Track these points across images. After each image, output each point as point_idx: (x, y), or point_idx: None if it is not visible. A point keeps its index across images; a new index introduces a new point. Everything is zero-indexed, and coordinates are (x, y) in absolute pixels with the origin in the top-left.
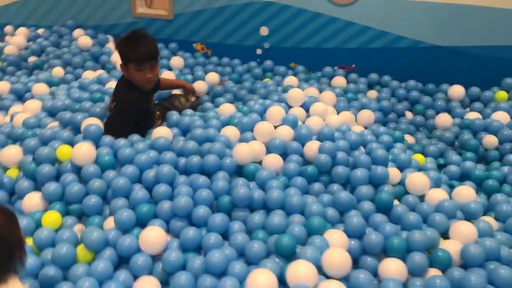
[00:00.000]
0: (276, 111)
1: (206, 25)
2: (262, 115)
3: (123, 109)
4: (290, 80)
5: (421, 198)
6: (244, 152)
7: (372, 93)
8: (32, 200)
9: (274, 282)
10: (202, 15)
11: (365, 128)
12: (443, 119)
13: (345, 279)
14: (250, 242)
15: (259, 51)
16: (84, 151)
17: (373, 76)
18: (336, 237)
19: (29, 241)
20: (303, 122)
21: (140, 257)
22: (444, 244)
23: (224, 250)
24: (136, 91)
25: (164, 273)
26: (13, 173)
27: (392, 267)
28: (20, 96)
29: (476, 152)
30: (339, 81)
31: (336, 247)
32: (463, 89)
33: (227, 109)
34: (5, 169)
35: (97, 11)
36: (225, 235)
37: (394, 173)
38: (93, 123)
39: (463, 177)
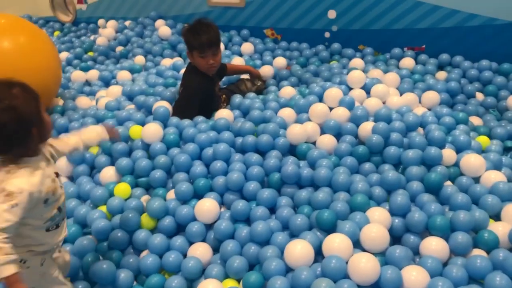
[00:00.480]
0: (333, 93)
1: (275, 11)
2: (320, 97)
3: (189, 92)
4: (356, 62)
5: (477, 180)
6: (297, 132)
7: (441, 74)
8: (107, 173)
9: (310, 251)
10: (271, 1)
11: (429, 110)
12: None
13: (383, 254)
14: (294, 216)
15: (327, 34)
16: (152, 130)
17: (444, 56)
18: (378, 214)
19: (103, 209)
20: (361, 104)
21: (195, 225)
22: (494, 226)
23: (269, 222)
24: (201, 76)
25: (216, 241)
26: (94, 150)
27: (433, 245)
28: (107, 82)
29: None
30: (408, 62)
31: (375, 223)
32: None
33: (288, 92)
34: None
35: (176, 2)
36: (274, 209)
37: (449, 154)
38: (162, 105)
39: None
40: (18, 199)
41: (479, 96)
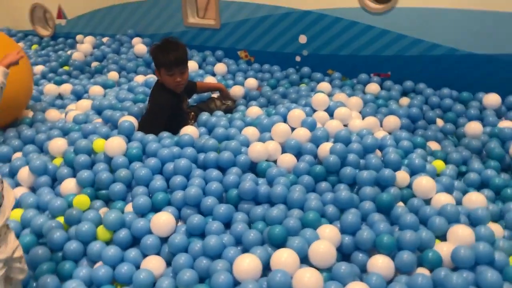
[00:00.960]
0: (296, 113)
1: (249, 34)
2: (285, 117)
3: (155, 109)
4: (323, 85)
5: (429, 201)
6: (258, 150)
7: (404, 100)
8: (69, 185)
9: (258, 265)
10: (246, 24)
11: (389, 133)
12: (473, 127)
13: (330, 270)
14: (247, 231)
15: (298, 58)
16: (115, 144)
17: (408, 83)
18: (328, 231)
19: (60, 219)
20: (323, 125)
21: (150, 238)
22: (439, 246)
23: (222, 237)
24: (168, 93)
25: (170, 254)
26: (57, 161)
27: (379, 263)
28: (80, 97)
29: (502, 161)
30: (373, 87)
31: (323, 240)
32: (499, 97)
33: (254, 111)
34: (52, 158)
35: (154, 21)
36: (230, 224)
37: (403, 176)
38: (127, 120)
39: (483, 185)
40: None
41: (440, 122)
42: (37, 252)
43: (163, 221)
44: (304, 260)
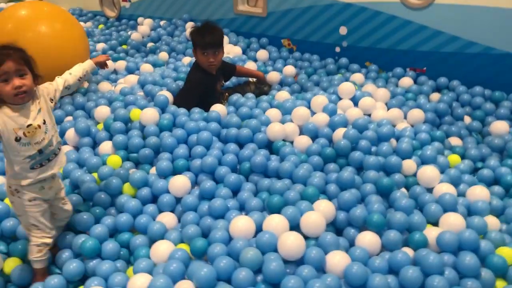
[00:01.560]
0: (319, 100)
1: (293, 23)
2: (309, 103)
3: (189, 86)
4: (356, 76)
5: (431, 190)
6: (275, 130)
7: (435, 96)
8: (106, 146)
9: (251, 226)
10: (290, 13)
11: (412, 126)
12: (499, 126)
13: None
14: (250, 198)
15: (337, 49)
16: (149, 114)
17: (442, 79)
18: (324, 206)
19: (94, 175)
20: (344, 112)
21: (166, 196)
22: (428, 230)
23: (228, 201)
24: (202, 73)
25: (182, 212)
26: (100, 126)
27: (367, 239)
28: (131, 73)
29: None
30: (407, 81)
31: (314, 212)
32: None
33: (283, 96)
34: (97, 123)
35: (207, 8)
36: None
37: (409, 164)
38: (163, 94)
39: (496, 182)
40: None
41: (467, 119)
42: (71, 199)
43: (179, 183)
44: (297, 228)
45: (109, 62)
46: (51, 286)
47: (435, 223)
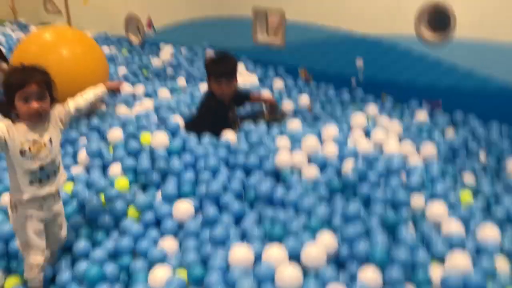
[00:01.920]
0: (329, 130)
1: (310, 54)
2: (320, 133)
3: (201, 113)
4: (371, 108)
5: (439, 226)
6: (283, 159)
7: (450, 130)
8: (115, 169)
9: (249, 255)
10: (307, 44)
11: (424, 159)
12: None
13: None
14: (252, 226)
15: (353, 81)
16: (159, 138)
17: (458, 114)
18: (326, 237)
19: (102, 196)
20: (355, 144)
21: (169, 221)
22: (434, 268)
23: (229, 229)
24: (215, 101)
25: (184, 237)
26: (111, 148)
27: (369, 274)
28: (149, 97)
29: None
30: (421, 115)
31: (315, 243)
32: None
33: (294, 125)
34: (109, 144)
35: (227, 36)
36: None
37: (418, 199)
38: (175, 119)
39: (509, 220)
40: None
41: (482, 155)
42: (76, 220)
43: (182, 208)
44: (297, 259)
45: (127, 87)
46: None
47: (441, 260)
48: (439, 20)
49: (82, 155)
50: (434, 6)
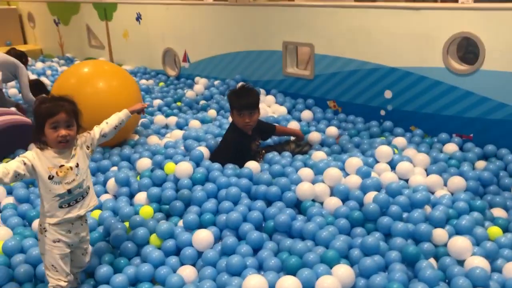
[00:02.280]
0: (353, 161)
1: (339, 86)
2: (344, 164)
3: (225, 144)
4: (398, 140)
5: (463, 263)
6: (305, 189)
7: (481, 163)
8: (141, 197)
9: (264, 286)
10: (336, 76)
11: (452, 194)
12: None
13: None
14: (270, 258)
15: (382, 112)
16: (183, 168)
17: (490, 147)
18: (342, 271)
19: (126, 223)
20: (379, 176)
21: (189, 249)
22: None
23: (246, 259)
24: (238, 133)
25: (203, 266)
26: (138, 177)
27: None
28: (181, 128)
29: None
30: (451, 147)
31: (330, 276)
32: None
33: (319, 156)
34: (138, 174)
35: (258, 69)
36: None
37: (440, 233)
38: (199, 149)
39: None
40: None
41: None
42: (100, 246)
43: (202, 237)
44: None
45: (160, 117)
46: None
47: None
48: (468, 51)
49: (111, 183)
50: (462, 38)
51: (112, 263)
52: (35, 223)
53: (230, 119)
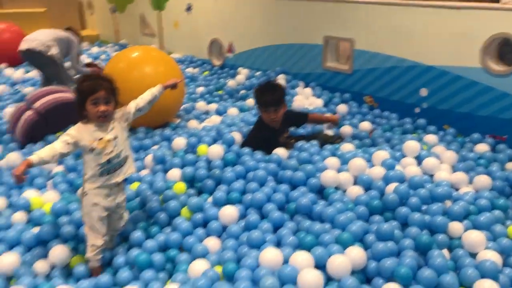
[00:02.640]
0: (380, 154)
1: (376, 81)
2: (371, 157)
3: (251, 137)
4: (429, 137)
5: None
6: (328, 177)
7: (511, 165)
8: (175, 173)
9: (279, 258)
10: (374, 72)
11: (476, 191)
12: None
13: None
14: (288, 235)
15: (417, 110)
16: (214, 150)
17: None
18: (356, 252)
19: (160, 197)
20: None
21: (215, 223)
22: None
23: (266, 235)
24: (265, 127)
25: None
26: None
27: None
28: (220, 114)
29: None
30: (482, 147)
31: (341, 255)
32: None
33: (348, 147)
34: (173, 152)
35: (298, 62)
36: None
37: (456, 227)
38: (231, 134)
39: None
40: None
41: None
42: (136, 214)
43: (228, 212)
44: (323, 268)
45: (202, 103)
46: (100, 283)
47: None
48: (506, 52)
49: (148, 159)
50: (501, 37)
51: (145, 229)
52: (80, 190)
53: None
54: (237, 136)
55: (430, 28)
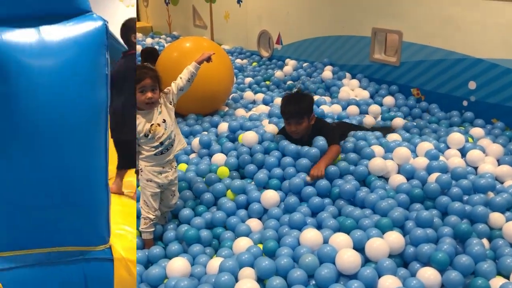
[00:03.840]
0: (424, 145)
1: (424, 74)
2: (416, 147)
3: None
4: (475, 131)
5: None
6: (376, 164)
7: None
8: (219, 157)
9: (319, 239)
10: (422, 64)
11: None
12: None
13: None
14: (328, 218)
15: (465, 103)
16: (249, 136)
17: None
18: (394, 237)
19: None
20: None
21: (256, 205)
22: (495, 280)
23: (306, 218)
24: (286, 134)
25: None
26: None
27: (427, 274)
28: (266, 104)
29: None
30: None
31: (379, 238)
32: None
33: (394, 137)
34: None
35: (346, 54)
36: None
37: (496, 217)
38: (270, 124)
39: None
40: None
41: None
42: (185, 194)
43: (269, 196)
44: (361, 251)
45: (249, 93)
46: (152, 254)
47: (507, 277)
48: None
49: (195, 143)
50: None
51: (193, 208)
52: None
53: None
54: (273, 127)
55: (480, 20)
